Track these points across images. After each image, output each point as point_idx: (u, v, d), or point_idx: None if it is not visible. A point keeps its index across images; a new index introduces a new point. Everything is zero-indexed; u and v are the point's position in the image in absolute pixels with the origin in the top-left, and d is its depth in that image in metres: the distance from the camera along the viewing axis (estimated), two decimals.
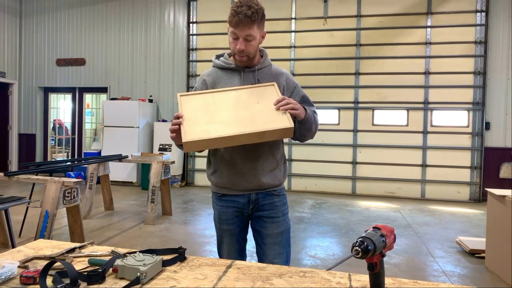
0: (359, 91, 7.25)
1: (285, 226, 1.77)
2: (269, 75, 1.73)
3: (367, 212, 5.85)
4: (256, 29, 1.60)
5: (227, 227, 1.76)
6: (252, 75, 1.70)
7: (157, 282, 1.07)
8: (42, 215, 3.24)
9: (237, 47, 1.61)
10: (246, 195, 1.72)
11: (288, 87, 1.74)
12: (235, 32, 1.59)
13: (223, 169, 1.71)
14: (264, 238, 1.74)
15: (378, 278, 0.97)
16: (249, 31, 1.58)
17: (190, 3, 7.95)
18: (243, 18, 1.55)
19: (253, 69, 1.71)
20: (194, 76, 7.98)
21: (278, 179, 1.74)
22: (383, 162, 7.14)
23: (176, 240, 4.23)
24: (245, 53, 1.63)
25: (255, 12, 1.56)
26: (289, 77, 1.78)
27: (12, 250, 1.32)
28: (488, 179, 6.73)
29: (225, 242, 1.78)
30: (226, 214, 1.76)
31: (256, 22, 1.58)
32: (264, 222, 1.74)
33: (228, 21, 1.60)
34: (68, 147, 9.01)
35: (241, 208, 1.74)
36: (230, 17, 1.58)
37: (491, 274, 3.38)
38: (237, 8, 1.56)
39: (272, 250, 1.73)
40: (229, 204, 1.75)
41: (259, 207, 1.73)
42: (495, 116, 6.76)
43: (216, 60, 1.79)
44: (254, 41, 1.62)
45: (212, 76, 1.75)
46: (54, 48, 8.65)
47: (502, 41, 6.72)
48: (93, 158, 5.41)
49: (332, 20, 7.30)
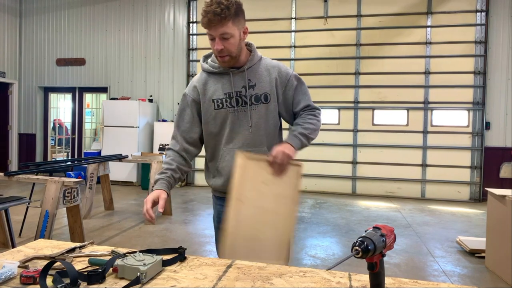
0: (359, 91, 7.25)
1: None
2: (259, 73, 1.64)
3: (367, 212, 5.85)
4: (231, 25, 1.50)
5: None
6: (241, 76, 1.62)
7: (157, 282, 1.07)
8: (42, 215, 3.24)
9: (216, 47, 1.53)
10: None
11: (281, 81, 1.66)
12: (210, 33, 1.53)
13: (223, 175, 1.66)
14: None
15: (378, 278, 0.97)
16: (223, 28, 1.49)
17: (190, 3, 7.95)
18: (212, 17, 1.47)
19: (242, 69, 1.62)
20: (194, 76, 7.97)
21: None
22: (383, 162, 7.14)
23: (176, 240, 4.23)
24: (225, 52, 1.54)
25: (225, 8, 1.46)
26: (282, 69, 1.68)
27: (12, 250, 1.32)
28: (488, 179, 6.73)
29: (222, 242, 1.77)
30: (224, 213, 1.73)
31: (229, 19, 1.48)
32: None
33: (201, 23, 1.54)
34: (68, 147, 9.01)
35: None
36: (201, 18, 1.50)
37: (491, 273, 3.38)
38: (206, 8, 1.48)
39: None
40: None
41: None
42: (495, 115, 6.76)
43: (204, 64, 1.71)
44: (232, 39, 1.52)
45: (201, 82, 1.68)
46: (54, 48, 8.65)
47: (502, 40, 6.72)
48: (93, 158, 5.41)
49: (332, 20, 7.29)
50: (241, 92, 1.62)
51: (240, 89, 1.62)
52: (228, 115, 1.62)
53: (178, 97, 8.00)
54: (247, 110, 1.62)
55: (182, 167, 1.66)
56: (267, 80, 1.65)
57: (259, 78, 1.64)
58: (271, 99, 1.64)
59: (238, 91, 1.62)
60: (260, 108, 1.63)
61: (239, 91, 1.62)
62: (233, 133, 1.63)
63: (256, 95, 1.62)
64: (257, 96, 1.63)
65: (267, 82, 1.64)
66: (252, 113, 1.62)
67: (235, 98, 1.62)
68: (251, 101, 1.62)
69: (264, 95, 1.63)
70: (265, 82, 1.64)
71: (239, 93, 1.62)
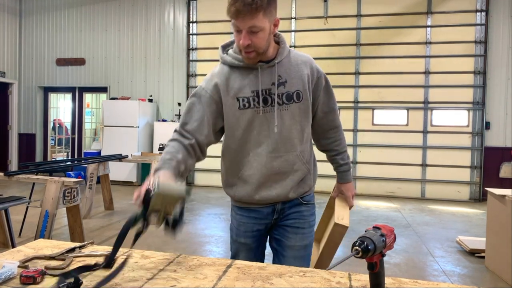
0: (359, 91, 7.25)
1: (310, 240, 1.56)
2: (290, 68, 1.44)
3: (367, 211, 5.85)
4: (261, 17, 1.29)
5: (245, 240, 1.56)
6: (270, 71, 1.42)
7: (157, 282, 1.07)
8: (42, 215, 3.24)
9: (242, 42, 1.32)
10: (271, 205, 1.53)
11: (312, 78, 1.48)
12: (236, 24, 1.31)
13: (250, 183, 1.48)
14: (285, 250, 1.53)
15: (378, 278, 0.97)
16: (252, 21, 1.29)
17: (190, 3, 7.95)
18: (241, 7, 1.26)
19: (272, 63, 1.42)
20: (194, 75, 7.98)
21: (308, 184, 1.55)
22: (383, 161, 7.14)
23: (176, 240, 4.23)
24: (252, 47, 1.34)
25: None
26: (313, 65, 1.50)
27: (12, 249, 1.31)
28: (488, 179, 6.73)
29: (241, 257, 1.54)
30: (246, 225, 1.55)
31: (260, 10, 1.27)
32: (287, 231, 1.53)
33: (226, 11, 1.31)
34: (68, 147, 9.01)
35: (264, 219, 1.54)
36: (228, 6, 1.29)
37: (491, 273, 3.38)
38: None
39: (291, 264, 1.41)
40: (251, 215, 1.54)
41: (283, 217, 1.54)
42: (495, 115, 6.76)
43: (224, 56, 1.47)
44: (261, 33, 1.32)
45: (223, 76, 1.45)
46: (54, 47, 8.65)
47: (502, 40, 6.72)
48: (93, 158, 5.41)
49: (332, 20, 7.29)
50: (270, 90, 1.42)
51: (270, 86, 1.42)
52: (255, 116, 1.43)
53: (178, 97, 8.01)
54: (277, 111, 1.42)
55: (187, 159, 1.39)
56: (299, 76, 1.45)
57: (290, 74, 1.44)
58: (304, 97, 1.45)
59: (267, 89, 1.42)
60: (292, 108, 1.44)
61: (268, 88, 1.42)
62: (261, 136, 1.44)
63: (288, 93, 1.43)
64: (289, 94, 1.43)
65: (299, 78, 1.45)
66: (284, 113, 1.43)
67: (263, 96, 1.42)
68: (282, 100, 1.43)
69: (297, 93, 1.44)
70: (296, 78, 1.44)
71: (268, 91, 1.42)
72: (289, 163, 1.47)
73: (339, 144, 1.65)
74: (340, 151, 1.65)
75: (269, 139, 1.44)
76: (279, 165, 1.46)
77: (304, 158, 1.51)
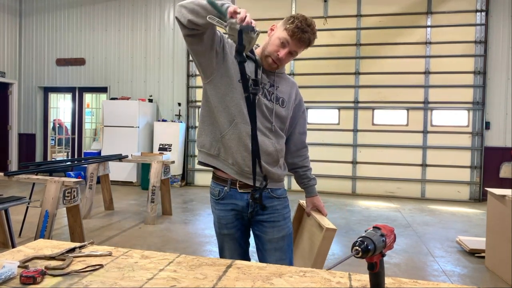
0: (359, 91, 7.25)
1: (287, 231, 1.72)
2: (283, 82, 1.73)
3: (367, 211, 5.85)
4: (303, 49, 1.65)
5: (228, 231, 1.72)
6: (271, 76, 1.68)
7: (157, 282, 1.07)
8: (42, 215, 3.23)
9: (280, 55, 1.59)
10: (245, 194, 1.65)
11: (296, 98, 1.77)
12: (289, 42, 1.58)
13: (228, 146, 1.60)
14: (265, 244, 1.70)
15: (378, 278, 0.97)
16: (300, 50, 1.63)
17: None
18: (306, 40, 1.58)
19: (273, 71, 1.69)
20: (194, 76, 7.98)
21: (277, 174, 1.69)
22: (383, 161, 7.14)
23: (176, 240, 4.23)
24: (280, 62, 1.63)
25: (314, 39, 1.62)
26: (298, 89, 1.82)
27: (12, 250, 1.31)
28: (488, 179, 6.73)
29: (227, 248, 1.74)
30: (226, 218, 1.71)
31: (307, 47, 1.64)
32: (264, 226, 1.69)
33: (288, 29, 1.57)
34: (68, 147, 9.01)
35: (241, 211, 1.69)
36: (295, 30, 1.55)
37: (491, 273, 3.38)
38: (305, 27, 1.56)
39: (273, 256, 1.68)
40: (227, 208, 1.70)
41: (258, 211, 1.68)
42: (495, 115, 6.76)
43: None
44: (292, 57, 1.65)
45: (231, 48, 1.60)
46: (54, 47, 8.65)
47: (502, 40, 6.72)
48: (93, 158, 5.41)
49: (332, 20, 7.30)
50: (265, 86, 1.66)
51: (266, 83, 1.66)
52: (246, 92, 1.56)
53: (178, 97, 8.01)
54: (265, 100, 1.63)
55: None
56: (288, 90, 1.73)
57: (282, 85, 1.72)
58: (287, 106, 1.71)
59: (264, 83, 1.65)
60: (276, 107, 1.67)
61: (265, 83, 1.66)
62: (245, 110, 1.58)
63: (277, 95, 1.68)
64: (277, 96, 1.68)
65: (288, 92, 1.73)
66: (268, 103, 1.64)
67: (260, 86, 1.62)
68: (271, 96, 1.66)
69: (282, 100, 1.70)
70: (286, 92, 1.72)
71: (264, 85, 1.65)
72: (265, 144, 1.62)
73: (308, 161, 1.90)
74: (309, 167, 1.89)
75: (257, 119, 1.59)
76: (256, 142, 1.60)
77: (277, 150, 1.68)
